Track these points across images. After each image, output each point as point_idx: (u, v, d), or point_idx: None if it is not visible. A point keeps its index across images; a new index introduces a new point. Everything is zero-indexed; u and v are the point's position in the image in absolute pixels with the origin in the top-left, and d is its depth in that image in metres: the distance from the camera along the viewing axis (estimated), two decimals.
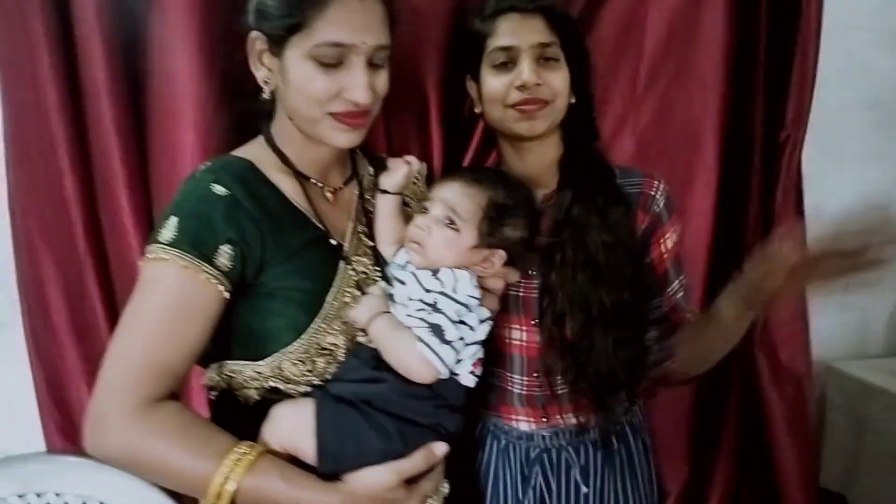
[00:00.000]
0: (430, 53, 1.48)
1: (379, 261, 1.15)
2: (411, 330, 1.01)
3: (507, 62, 1.25)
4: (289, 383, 1.07)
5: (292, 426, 1.00)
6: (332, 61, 1.04)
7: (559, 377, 1.24)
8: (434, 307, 1.01)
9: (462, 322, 1.02)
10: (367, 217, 1.19)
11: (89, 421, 0.97)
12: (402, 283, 1.08)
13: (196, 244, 1.00)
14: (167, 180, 1.38)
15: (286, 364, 1.06)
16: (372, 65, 1.08)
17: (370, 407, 0.99)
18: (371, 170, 1.27)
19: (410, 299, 1.04)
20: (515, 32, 1.25)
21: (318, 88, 1.05)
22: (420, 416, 1.01)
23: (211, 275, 1.00)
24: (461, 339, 1.02)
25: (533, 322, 1.24)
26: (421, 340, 0.99)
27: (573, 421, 1.27)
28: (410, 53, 1.46)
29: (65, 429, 1.56)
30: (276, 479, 0.95)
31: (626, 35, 1.62)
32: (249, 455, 0.95)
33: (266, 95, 1.11)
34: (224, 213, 1.02)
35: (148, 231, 1.42)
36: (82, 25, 1.33)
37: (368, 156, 1.30)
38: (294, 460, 1.00)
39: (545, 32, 1.25)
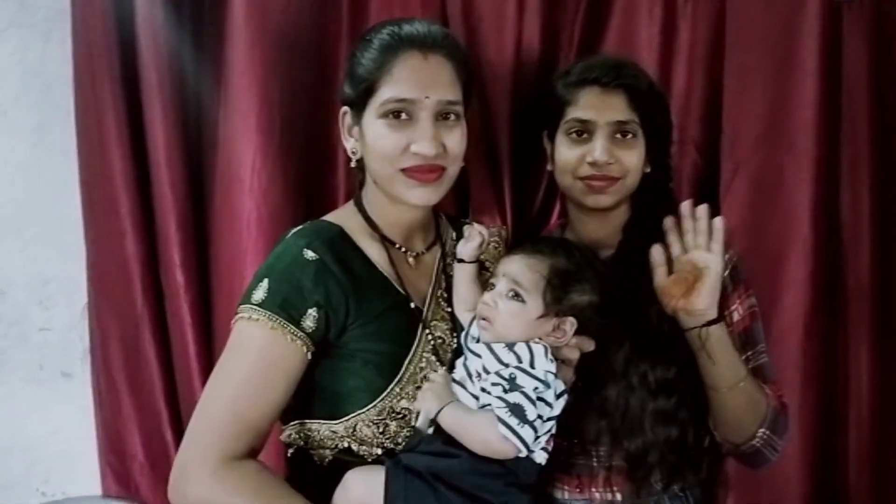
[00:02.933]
0: (500, 112, 1.50)
1: (456, 326, 1.20)
2: (487, 412, 1.02)
3: (583, 133, 1.27)
4: (362, 444, 1.12)
5: (363, 493, 1.05)
6: (398, 117, 1.10)
7: (595, 445, 1.22)
8: (512, 381, 1.03)
9: (541, 399, 1.03)
10: (447, 281, 1.23)
11: (174, 471, 1.06)
12: (478, 355, 1.09)
13: (285, 306, 1.07)
14: (225, 242, 1.45)
15: (361, 426, 1.11)
16: (443, 121, 1.13)
17: (440, 482, 1.02)
18: (454, 234, 1.31)
19: (486, 371, 1.06)
20: (594, 106, 1.26)
21: (388, 144, 1.11)
22: (490, 494, 1.03)
23: (297, 336, 1.07)
24: (539, 416, 1.03)
25: (577, 383, 1.20)
26: (502, 422, 1.00)
27: (609, 498, 1.24)
28: (482, 111, 1.49)
29: (120, 475, 1.64)
30: None
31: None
32: None
33: (353, 164, 1.19)
34: (313, 278, 1.09)
35: (199, 290, 1.48)
36: (146, 93, 1.43)
37: (452, 221, 1.35)
38: None
39: (625, 110, 1.26)
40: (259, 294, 1.09)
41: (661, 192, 1.34)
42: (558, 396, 1.07)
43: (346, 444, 1.12)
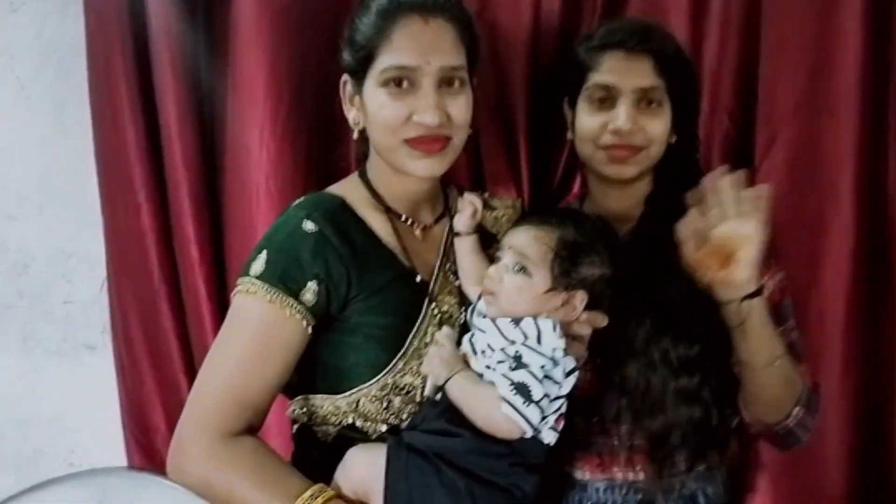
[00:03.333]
0: (516, 80, 1.45)
1: (465, 301, 1.17)
2: (495, 388, 0.99)
3: (606, 100, 1.22)
4: (366, 420, 1.10)
5: (364, 472, 1.03)
6: (399, 85, 1.07)
7: (616, 423, 1.19)
8: (518, 360, 0.99)
9: (548, 377, 0.99)
10: (456, 254, 1.20)
11: (172, 447, 1.06)
12: (483, 331, 1.06)
13: (284, 279, 1.06)
14: (236, 215, 1.44)
15: (364, 401, 1.10)
16: (447, 88, 1.09)
17: (443, 461, 0.99)
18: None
19: (491, 349, 1.03)
20: (619, 71, 1.21)
21: (389, 114, 1.08)
22: (494, 475, 1.00)
23: (296, 310, 1.05)
24: (546, 395, 0.99)
25: (596, 360, 1.18)
26: (505, 401, 0.97)
27: (631, 477, 1.21)
28: (497, 81, 1.44)
29: (144, 447, 1.66)
30: None
31: None
32: (318, 499, 0.99)
33: (355, 136, 1.16)
34: (312, 250, 1.07)
35: (213, 263, 1.48)
36: (157, 64, 1.41)
37: (461, 192, 1.30)
38: None
39: (650, 75, 1.20)
40: (257, 266, 1.07)
41: (686, 163, 1.29)
42: (567, 374, 1.03)
43: (350, 420, 1.11)
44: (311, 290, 1.06)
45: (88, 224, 1.59)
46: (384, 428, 1.10)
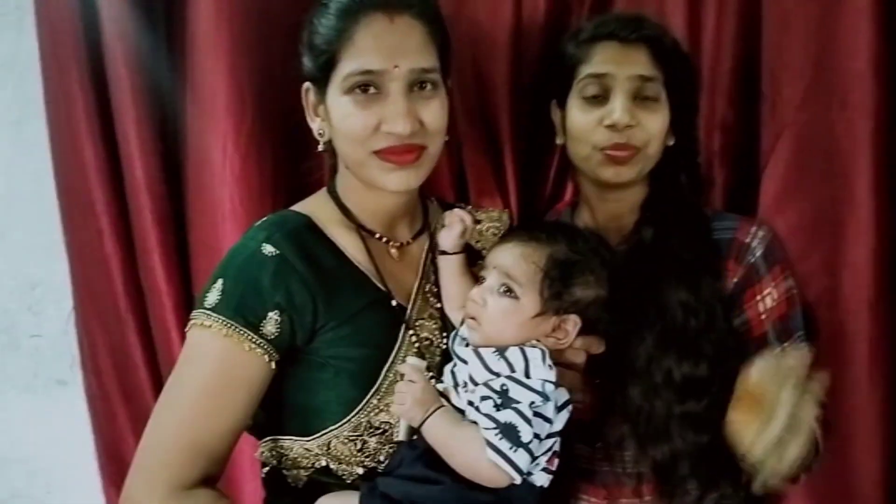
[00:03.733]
0: (499, 83, 1.35)
1: (447, 325, 1.07)
2: (478, 428, 0.88)
3: (599, 95, 1.12)
4: (340, 464, 1.00)
5: None
6: (365, 91, 0.98)
7: (620, 450, 1.10)
8: (504, 395, 0.88)
9: (538, 415, 0.88)
10: (436, 274, 1.11)
11: (123, 499, 0.97)
12: (465, 362, 0.96)
13: (241, 310, 0.96)
14: (201, 237, 1.35)
15: (335, 443, 1.00)
16: (419, 92, 1.00)
17: None
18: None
19: (474, 382, 0.92)
20: (613, 60, 1.12)
21: (356, 124, 0.99)
22: None
23: (256, 344, 0.96)
24: (537, 435, 0.88)
25: (595, 381, 1.08)
26: (490, 446, 0.86)
27: None
28: (477, 85, 1.35)
29: (119, 485, 1.53)
30: None
31: None
32: None
33: (321, 148, 1.07)
34: (272, 276, 0.97)
35: (182, 290, 1.40)
36: (113, 80, 1.33)
37: (445, 206, 1.21)
38: None
39: (647, 65, 1.11)
40: (212, 297, 0.97)
41: (685, 166, 1.19)
42: (560, 409, 0.92)
43: (323, 463, 1.01)
44: (272, 322, 0.96)
45: (53, 251, 1.50)
46: (360, 471, 1.00)
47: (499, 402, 0.87)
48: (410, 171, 1.01)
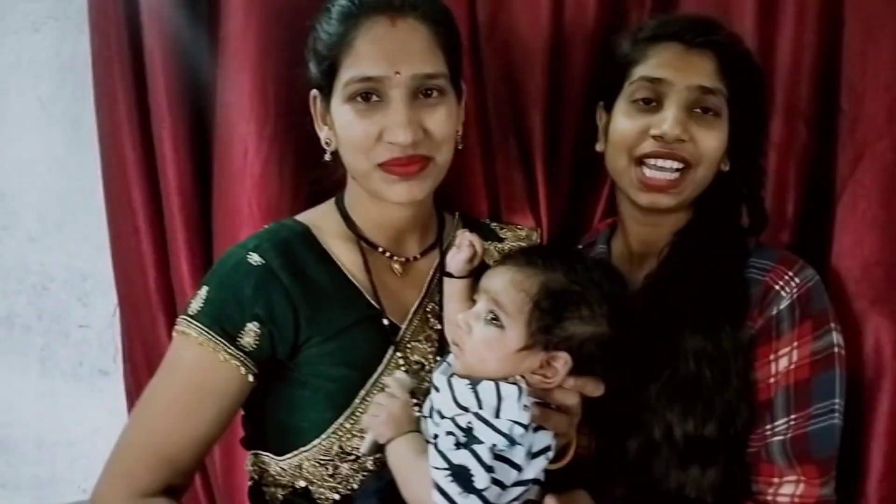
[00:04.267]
0: (534, 92, 1.27)
1: (444, 348, 1.00)
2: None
3: (652, 100, 1.01)
4: (315, 486, 0.97)
5: None
6: (367, 100, 0.94)
7: None
8: (468, 433, 0.80)
9: (502, 459, 0.79)
10: (441, 293, 1.04)
11: (90, 500, 0.97)
12: (437, 390, 0.89)
13: (220, 320, 0.95)
14: (223, 242, 1.31)
15: (307, 465, 0.96)
16: (423, 99, 0.95)
17: None
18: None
19: (442, 416, 0.85)
20: (672, 65, 1.01)
21: (357, 134, 0.95)
22: None
23: (232, 355, 0.94)
24: (498, 482, 0.79)
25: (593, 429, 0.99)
26: (437, 487, 0.78)
27: None
28: (512, 94, 1.28)
29: None
30: None
31: None
32: None
33: (327, 157, 1.04)
34: (255, 287, 0.95)
35: None
36: (151, 81, 1.34)
37: (468, 222, 1.17)
38: None
39: (711, 75, 1.00)
40: (195, 304, 0.96)
41: (743, 197, 1.07)
42: (536, 455, 0.83)
43: (302, 484, 0.97)
44: (251, 333, 0.94)
45: (103, 246, 1.54)
46: (336, 497, 0.96)
47: (462, 440, 0.79)
48: (414, 183, 0.97)
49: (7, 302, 1.63)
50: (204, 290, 0.96)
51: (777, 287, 0.97)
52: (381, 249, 1.05)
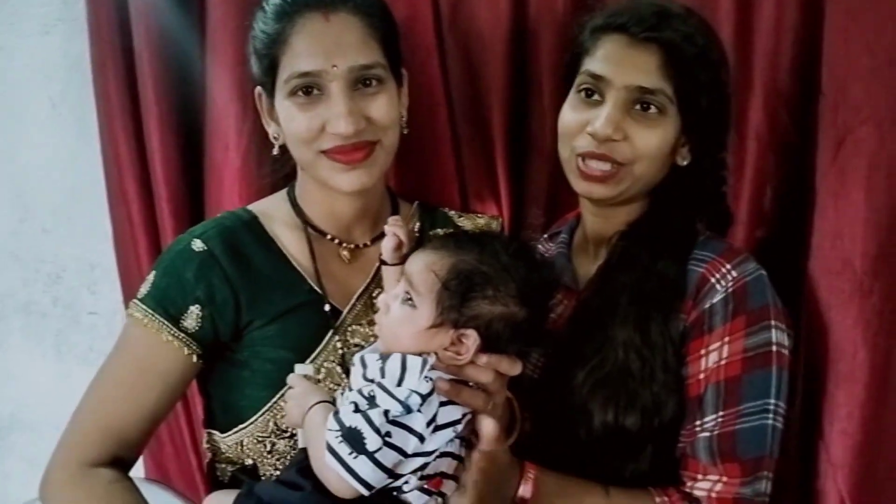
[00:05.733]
0: (494, 82, 1.28)
1: None
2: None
3: (594, 93, 0.99)
4: (259, 463, 1.02)
5: None
6: (308, 94, 0.97)
7: None
8: (371, 401, 0.84)
9: (399, 425, 0.82)
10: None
11: (44, 472, 1.03)
12: (353, 366, 0.93)
13: (163, 302, 1.00)
14: None
15: (247, 441, 1.02)
16: (363, 89, 0.98)
17: None
18: (417, 225, 1.15)
19: (350, 389, 0.89)
20: (614, 61, 0.98)
21: (300, 127, 0.99)
22: None
23: (174, 336, 0.99)
24: (396, 447, 0.82)
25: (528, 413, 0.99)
26: (328, 448, 0.82)
27: None
28: (473, 84, 1.29)
29: (157, 459, 1.66)
30: None
31: None
32: None
33: (275, 151, 1.07)
34: (196, 271, 1.00)
35: None
36: (140, 80, 1.39)
37: (425, 208, 1.19)
38: None
39: (654, 75, 0.95)
40: (143, 288, 1.02)
41: (697, 191, 1.03)
42: (441, 427, 0.85)
43: (249, 462, 1.02)
44: (192, 316, 0.99)
45: (109, 237, 1.61)
46: (278, 473, 1.00)
47: (363, 407, 0.82)
48: (363, 171, 0.99)
49: (25, 290, 1.73)
50: (151, 275, 1.02)
51: (713, 280, 0.94)
52: (329, 237, 1.08)
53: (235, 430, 1.01)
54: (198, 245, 1.00)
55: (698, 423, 0.93)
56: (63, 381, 1.74)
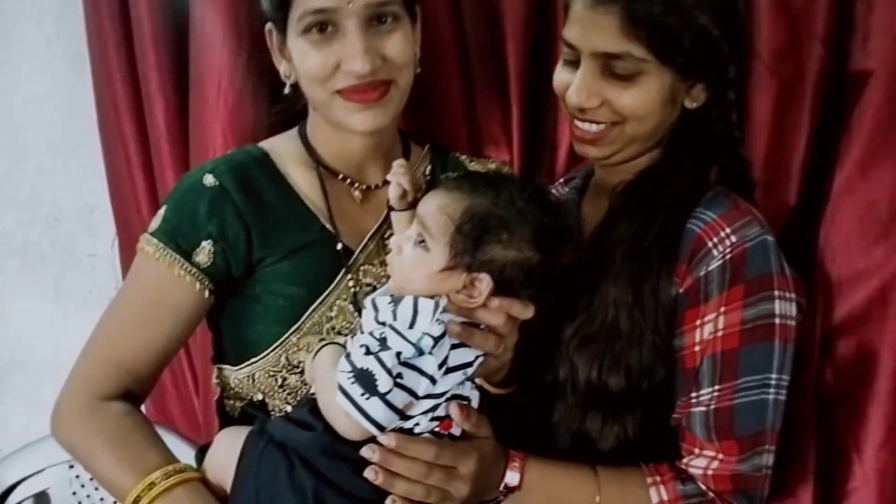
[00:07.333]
0: (510, 20, 1.23)
1: None
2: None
3: (571, 60, 0.94)
4: (270, 398, 1.02)
5: (224, 457, 0.94)
6: (322, 31, 0.93)
7: None
8: (382, 343, 0.83)
9: (410, 366, 0.82)
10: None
11: (54, 405, 1.02)
12: (365, 309, 0.92)
13: (175, 237, 0.99)
14: None
15: (259, 375, 1.02)
16: (378, 26, 0.95)
17: (297, 457, 0.86)
18: (428, 168, 1.13)
19: (362, 332, 0.88)
20: (578, 26, 0.92)
21: (314, 66, 0.96)
22: (343, 482, 0.85)
23: (187, 271, 0.98)
24: (407, 389, 0.82)
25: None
26: (340, 389, 0.81)
27: None
28: (488, 21, 1.25)
29: (158, 402, 1.66)
30: None
31: None
32: (171, 478, 0.92)
33: (287, 90, 1.04)
34: (208, 206, 0.99)
35: None
36: (135, 22, 1.35)
37: (437, 152, 1.16)
38: None
39: (616, 39, 0.88)
40: (155, 222, 1.01)
41: (708, 139, 0.97)
42: (452, 370, 0.84)
43: (259, 396, 1.02)
44: (205, 251, 0.97)
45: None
46: (289, 409, 1.01)
47: (374, 350, 0.81)
48: (378, 110, 0.96)
49: (22, 232, 1.70)
50: (162, 210, 1.00)
51: (710, 244, 0.88)
52: (341, 176, 1.06)
53: (247, 363, 1.01)
54: (210, 180, 0.99)
55: (694, 395, 0.90)
56: (62, 324, 1.72)
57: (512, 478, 0.89)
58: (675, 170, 0.95)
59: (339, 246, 1.01)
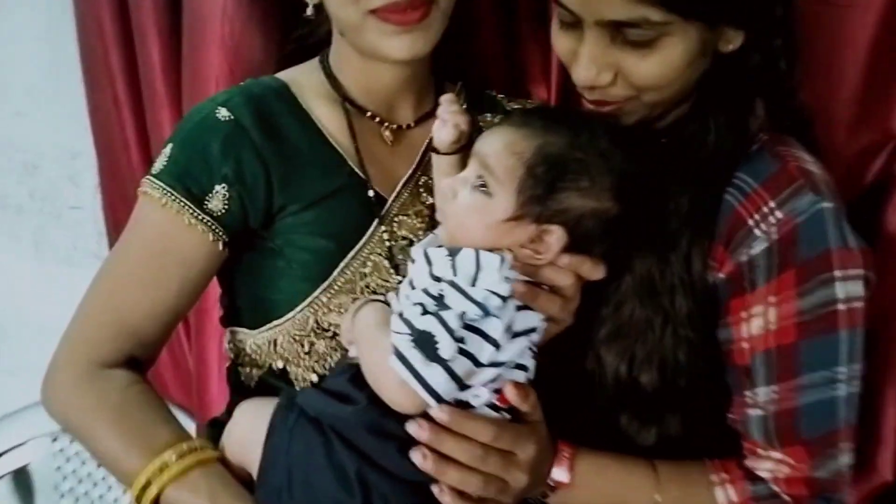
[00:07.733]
0: None
1: (436, 225, 0.89)
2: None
3: (571, 25, 0.78)
4: (292, 365, 0.90)
5: (247, 431, 0.83)
6: None
7: None
8: (439, 301, 0.71)
9: (474, 330, 0.70)
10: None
11: (46, 372, 0.90)
12: (413, 262, 0.80)
13: (184, 180, 0.85)
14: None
15: (281, 339, 0.89)
16: None
17: (335, 434, 0.74)
18: (464, 106, 0.97)
19: (413, 287, 0.76)
20: None
21: None
22: (388, 462, 0.73)
23: (198, 219, 0.85)
24: (469, 355, 0.70)
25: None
26: (397, 354, 0.69)
27: None
28: None
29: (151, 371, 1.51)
30: (202, 499, 0.80)
31: None
32: (186, 458, 0.81)
33: (309, 12, 0.91)
34: (223, 145, 0.85)
35: None
36: None
37: (471, 90, 1.03)
38: None
39: (628, 4, 0.71)
40: (159, 163, 0.87)
41: (750, 83, 0.80)
42: (518, 335, 0.72)
43: (279, 364, 0.89)
44: (218, 196, 0.84)
45: None
46: (314, 377, 0.89)
47: (432, 309, 0.69)
48: (418, 35, 0.83)
49: None
50: (168, 148, 0.87)
51: (751, 222, 0.75)
52: (369, 114, 0.93)
53: (268, 326, 0.89)
54: (223, 114, 0.85)
55: (748, 394, 0.78)
56: (44, 283, 1.59)
57: (559, 474, 0.78)
58: (706, 126, 0.79)
59: (371, 193, 0.89)
